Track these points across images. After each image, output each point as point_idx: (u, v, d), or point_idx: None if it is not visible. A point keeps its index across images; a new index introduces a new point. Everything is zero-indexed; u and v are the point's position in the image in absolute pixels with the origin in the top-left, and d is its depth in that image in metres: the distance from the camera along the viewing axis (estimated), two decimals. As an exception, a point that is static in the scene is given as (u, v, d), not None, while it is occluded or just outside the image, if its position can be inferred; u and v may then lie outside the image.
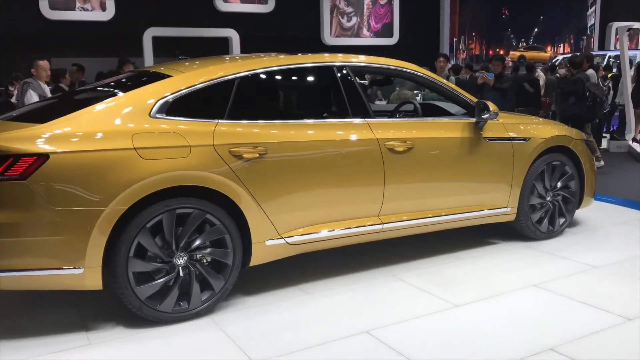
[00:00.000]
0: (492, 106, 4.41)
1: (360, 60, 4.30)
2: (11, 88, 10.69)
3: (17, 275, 3.05)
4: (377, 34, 17.18)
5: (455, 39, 20.03)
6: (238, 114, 3.59)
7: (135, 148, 3.17)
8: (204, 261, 3.45)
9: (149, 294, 3.26)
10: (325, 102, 4.30)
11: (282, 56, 4.07)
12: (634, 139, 10.18)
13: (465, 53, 21.78)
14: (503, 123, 4.57)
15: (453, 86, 4.61)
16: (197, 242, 3.39)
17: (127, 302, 3.24)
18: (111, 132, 3.20)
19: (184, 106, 3.46)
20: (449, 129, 4.31)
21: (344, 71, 4.06)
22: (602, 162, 8.42)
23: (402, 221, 4.12)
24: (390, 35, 17.21)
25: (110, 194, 3.07)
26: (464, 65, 13.29)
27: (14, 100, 9.48)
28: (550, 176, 4.82)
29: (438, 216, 4.28)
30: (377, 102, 11.17)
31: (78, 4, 13.74)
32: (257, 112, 3.74)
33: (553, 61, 15.43)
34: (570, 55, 10.06)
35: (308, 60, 4.09)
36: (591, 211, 5.54)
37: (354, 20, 16.85)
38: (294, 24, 16.16)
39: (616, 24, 18.11)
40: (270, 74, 3.91)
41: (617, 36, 13.10)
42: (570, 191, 4.97)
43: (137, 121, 3.30)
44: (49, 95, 6.94)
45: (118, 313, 3.43)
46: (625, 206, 6.05)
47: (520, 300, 3.66)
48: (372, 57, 4.44)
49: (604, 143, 10.93)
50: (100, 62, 12.14)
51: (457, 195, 4.37)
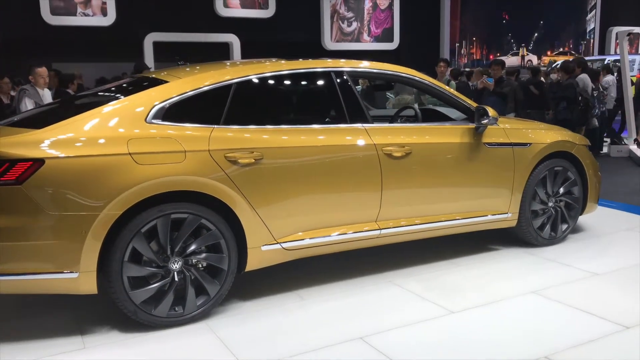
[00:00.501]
0: (492, 111, 4.40)
1: (358, 65, 4.28)
2: (13, 93, 10.75)
3: (12, 279, 3.07)
4: (378, 39, 17.23)
5: (457, 44, 20.07)
6: (234, 120, 3.60)
7: (130, 153, 3.19)
8: (200, 266, 3.46)
9: (144, 299, 3.27)
10: (322, 108, 4.30)
11: (280, 62, 4.08)
12: (636, 140, 10.19)
13: (466, 58, 21.80)
14: (504, 128, 4.55)
15: (453, 91, 4.59)
16: (192, 247, 3.40)
17: (122, 307, 3.25)
18: (107, 138, 3.23)
19: (181, 112, 3.48)
20: (448, 135, 4.30)
21: (342, 77, 4.06)
22: None
23: (400, 227, 4.10)
24: (390, 40, 17.26)
25: (104, 199, 3.09)
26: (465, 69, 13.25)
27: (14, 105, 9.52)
28: (552, 182, 4.77)
29: (437, 222, 4.25)
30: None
31: (79, 9, 13.80)
32: (254, 118, 3.74)
33: (553, 65, 15.43)
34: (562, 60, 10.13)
35: (305, 65, 4.09)
36: (595, 217, 5.48)
37: (355, 25, 16.90)
38: (295, 29, 16.19)
39: (616, 29, 18.20)
40: (267, 80, 3.91)
41: (617, 41, 13.13)
42: (573, 197, 4.92)
43: (133, 127, 3.32)
44: (47, 101, 6.95)
45: (114, 317, 3.44)
46: (630, 212, 5.99)
47: (517, 307, 3.63)
48: (370, 63, 4.43)
49: (605, 148, 10.95)
50: (101, 68, 12.21)
51: (456, 200, 4.34)
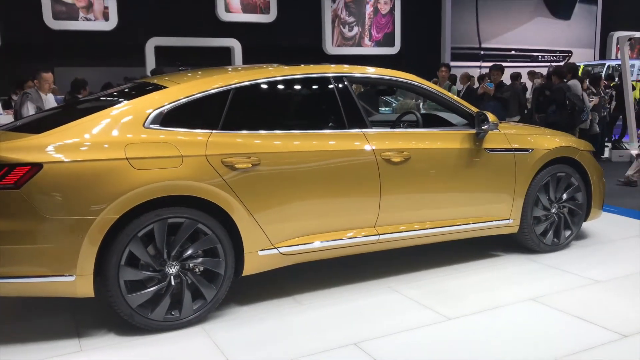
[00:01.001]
0: (492, 117, 4.39)
1: (357, 71, 4.29)
2: (14, 97, 10.80)
3: (9, 282, 3.10)
4: (379, 44, 17.27)
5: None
6: (232, 125, 3.61)
7: (127, 158, 3.22)
8: (196, 270, 3.48)
9: (141, 302, 3.30)
10: (320, 113, 4.29)
11: (279, 67, 4.09)
12: None
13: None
14: (505, 134, 4.53)
15: (453, 96, 4.58)
16: (189, 252, 3.42)
17: (119, 310, 3.27)
18: (104, 143, 3.26)
19: (179, 117, 3.51)
20: (448, 140, 4.28)
21: (341, 82, 4.07)
22: None
23: (399, 232, 4.08)
24: (391, 44, 17.30)
25: (101, 203, 3.12)
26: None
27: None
28: (555, 188, 4.74)
29: (436, 227, 4.23)
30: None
31: (81, 14, 13.87)
32: (252, 123, 3.75)
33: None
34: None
35: (304, 71, 4.10)
36: (600, 223, 5.43)
37: (356, 30, 16.94)
38: (296, 34, 16.24)
39: (617, 34, 18.19)
40: (265, 85, 3.92)
41: (618, 45, 13.13)
42: (576, 203, 4.87)
43: (131, 132, 3.35)
44: (50, 106, 6.99)
45: (111, 320, 3.45)
46: (635, 218, 5.94)
47: (515, 314, 3.61)
48: (370, 68, 4.43)
49: (606, 152, 10.96)
50: (103, 72, 12.24)
51: (456, 206, 4.32)
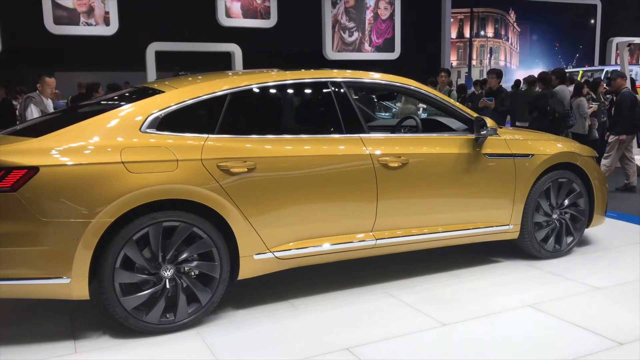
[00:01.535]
0: (490, 122, 4.38)
1: (355, 76, 4.28)
2: (15, 102, 10.83)
3: (5, 284, 3.13)
4: (379, 49, 17.29)
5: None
6: (229, 129, 3.64)
7: (123, 162, 3.25)
8: (192, 274, 3.49)
9: (135, 305, 3.32)
10: (318, 118, 4.32)
11: (277, 72, 4.11)
12: None
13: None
14: (505, 139, 4.52)
15: (452, 101, 4.58)
16: (184, 255, 3.44)
17: (114, 312, 3.30)
18: (100, 147, 3.29)
19: (175, 121, 3.54)
20: (446, 145, 4.28)
21: (338, 87, 4.08)
22: None
23: (397, 237, 4.08)
24: (391, 50, 17.32)
25: (96, 207, 3.15)
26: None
27: (17, 114, 9.61)
28: (556, 193, 4.71)
29: (434, 233, 4.22)
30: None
31: (82, 19, 13.91)
32: (248, 128, 3.78)
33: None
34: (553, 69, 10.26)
35: (302, 76, 4.12)
36: (604, 229, 5.40)
37: (356, 35, 16.97)
38: (296, 39, 16.27)
39: (617, 39, 18.20)
40: (262, 90, 3.93)
41: (618, 51, 13.15)
42: (578, 209, 4.85)
43: (127, 136, 3.38)
44: (52, 110, 7.05)
45: (108, 323, 3.48)
46: (637, 224, 5.90)
47: (511, 321, 3.59)
48: (368, 73, 4.43)
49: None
50: (104, 77, 12.27)
51: (455, 212, 4.30)
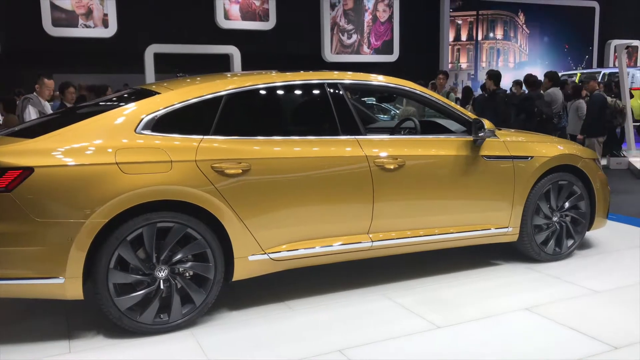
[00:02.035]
0: (488, 124, 4.38)
1: (352, 77, 4.28)
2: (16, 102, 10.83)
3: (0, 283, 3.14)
4: (378, 51, 17.33)
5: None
6: (224, 131, 3.65)
7: (117, 163, 3.26)
8: (186, 275, 3.50)
9: (129, 305, 3.33)
10: (314, 119, 4.31)
11: (273, 73, 4.11)
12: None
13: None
14: (504, 141, 4.50)
15: (451, 103, 4.56)
16: (179, 256, 3.44)
17: (108, 313, 3.31)
18: (95, 148, 3.31)
19: (170, 123, 3.55)
20: (443, 147, 4.26)
21: (335, 88, 4.07)
22: None
23: (393, 239, 4.06)
24: (390, 52, 17.35)
25: (90, 207, 3.16)
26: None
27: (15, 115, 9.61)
28: (556, 196, 4.67)
29: (431, 235, 4.20)
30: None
31: (81, 21, 13.93)
32: (243, 129, 3.77)
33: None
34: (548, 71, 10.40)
35: (298, 77, 4.12)
36: (606, 232, 5.34)
37: (355, 37, 17.01)
38: (295, 41, 16.31)
39: (615, 42, 18.24)
40: (258, 92, 3.94)
41: (616, 53, 13.16)
42: (579, 212, 4.80)
43: (122, 137, 3.39)
44: (49, 111, 7.06)
45: (103, 322, 3.48)
46: (638, 226, 5.87)
47: (506, 324, 3.57)
48: (365, 75, 4.42)
49: (604, 160, 10.98)
50: (102, 79, 12.28)
51: (452, 214, 4.29)
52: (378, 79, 4.44)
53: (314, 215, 3.82)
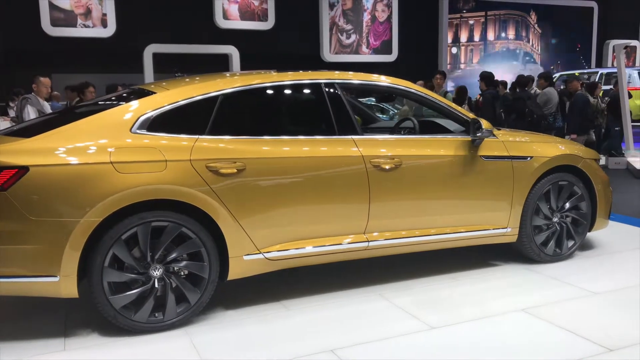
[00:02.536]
0: (486, 124, 4.36)
1: (349, 77, 4.27)
2: (12, 104, 10.87)
3: None
4: (376, 51, 17.34)
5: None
6: (219, 130, 3.65)
7: (112, 162, 3.28)
8: (181, 274, 3.51)
9: (124, 304, 3.34)
10: (310, 119, 4.31)
11: (270, 73, 4.12)
12: None
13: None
14: (503, 141, 4.47)
15: (449, 103, 4.55)
16: (173, 255, 3.45)
17: (102, 311, 3.32)
18: (90, 147, 3.32)
19: (166, 122, 3.56)
20: (441, 147, 4.24)
21: (331, 88, 4.07)
22: None
23: (390, 239, 4.05)
24: (389, 52, 17.36)
25: (85, 206, 3.18)
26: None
27: (14, 115, 9.65)
28: (556, 196, 4.63)
29: (429, 235, 4.19)
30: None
31: (79, 21, 13.93)
32: (239, 129, 3.78)
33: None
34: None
35: (294, 77, 4.12)
36: (608, 233, 5.31)
37: (353, 37, 17.02)
38: (294, 41, 16.32)
39: (613, 42, 18.25)
40: (254, 91, 3.94)
41: (614, 53, 13.18)
42: (580, 212, 4.75)
43: (117, 137, 3.41)
44: (48, 111, 7.10)
45: (99, 321, 3.48)
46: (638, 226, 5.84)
47: (501, 325, 3.54)
48: (362, 74, 4.41)
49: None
50: (101, 79, 12.29)
51: (449, 214, 4.27)
52: (376, 79, 4.43)
53: (310, 215, 3.82)
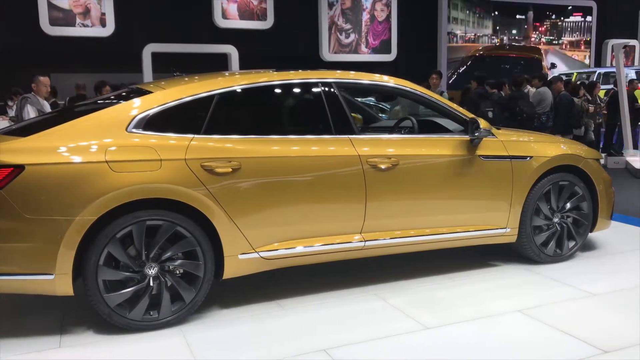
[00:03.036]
0: (484, 123, 4.35)
1: (346, 76, 4.27)
2: (10, 103, 10.87)
3: None
4: (375, 51, 17.31)
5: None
6: (215, 130, 3.67)
7: (107, 161, 3.30)
8: (176, 272, 3.52)
9: (119, 302, 3.36)
10: (306, 119, 4.31)
11: (267, 73, 4.12)
12: None
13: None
14: (502, 141, 4.46)
15: (447, 102, 4.54)
16: (168, 254, 3.47)
17: (97, 309, 3.35)
18: (86, 146, 3.35)
19: (162, 121, 3.58)
20: (438, 146, 4.24)
21: (328, 87, 4.07)
22: None
23: (387, 239, 4.05)
24: (388, 51, 17.34)
25: (80, 205, 3.20)
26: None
27: (12, 114, 9.65)
28: (557, 196, 4.61)
29: (426, 235, 4.18)
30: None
31: (78, 20, 13.92)
32: (235, 128, 3.78)
33: (550, 78, 15.46)
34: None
35: (292, 76, 4.12)
36: (611, 233, 5.29)
37: (352, 36, 17.01)
38: (293, 41, 16.30)
39: (612, 41, 18.25)
40: (250, 91, 3.95)
41: (613, 53, 13.19)
42: (581, 213, 4.74)
43: (113, 136, 3.43)
44: (48, 110, 7.12)
45: (97, 319, 3.50)
46: None
47: (497, 326, 3.53)
48: (359, 73, 4.40)
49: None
50: (99, 78, 12.28)
51: (448, 214, 4.26)
52: (374, 78, 4.43)
53: (305, 214, 3.83)
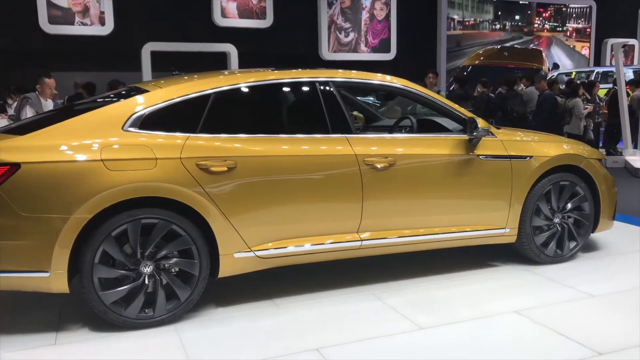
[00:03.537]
0: (482, 122, 4.34)
1: (343, 75, 4.27)
2: (10, 101, 10.89)
3: None
4: (375, 50, 17.30)
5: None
6: (211, 129, 3.68)
7: (102, 160, 3.32)
8: (171, 271, 3.54)
9: (114, 300, 3.38)
10: (303, 118, 4.32)
11: (263, 71, 4.13)
12: None
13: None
14: (502, 140, 4.44)
15: (447, 101, 4.53)
16: (163, 252, 3.49)
17: (93, 306, 3.37)
18: (82, 145, 3.37)
19: (158, 120, 3.59)
20: (436, 146, 4.23)
21: (325, 87, 4.07)
22: None
23: (384, 239, 4.05)
24: (387, 50, 17.33)
25: (75, 203, 3.22)
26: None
27: (12, 112, 9.67)
28: (557, 197, 4.58)
29: (424, 235, 4.18)
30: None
31: (77, 19, 13.92)
32: (231, 127, 3.79)
33: (549, 78, 15.48)
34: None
35: (289, 75, 4.12)
36: (613, 234, 5.27)
37: (352, 35, 17.00)
38: (292, 39, 16.30)
39: (611, 40, 18.25)
40: (246, 90, 3.96)
41: (613, 52, 13.19)
42: (582, 213, 4.70)
43: (109, 134, 3.45)
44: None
45: (94, 316, 3.50)
46: None
47: (492, 326, 3.52)
48: (358, 73, 4.40)
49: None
50: (99, 77, 12.30)
51: (445, 214, 4.25)
52: (372, 77, 4.43)
53: (301, 213, 3.83)
